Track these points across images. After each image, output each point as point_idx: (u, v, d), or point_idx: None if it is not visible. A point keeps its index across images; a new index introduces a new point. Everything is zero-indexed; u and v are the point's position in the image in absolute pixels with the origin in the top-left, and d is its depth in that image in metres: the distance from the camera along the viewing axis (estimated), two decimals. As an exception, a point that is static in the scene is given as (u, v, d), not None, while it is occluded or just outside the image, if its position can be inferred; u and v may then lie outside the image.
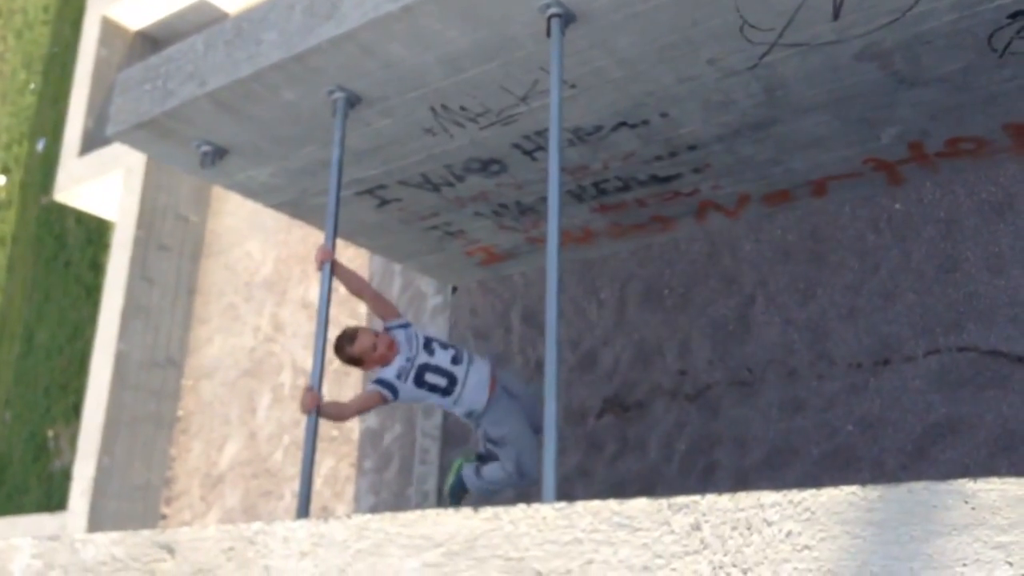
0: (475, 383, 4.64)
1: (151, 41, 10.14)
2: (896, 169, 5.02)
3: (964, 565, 1.61)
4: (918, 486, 1.70)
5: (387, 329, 4.58)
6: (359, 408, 4.64)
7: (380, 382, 4.47)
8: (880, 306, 5.08)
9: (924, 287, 4.97)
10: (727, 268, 5.67)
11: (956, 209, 4.98)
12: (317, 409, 4.10)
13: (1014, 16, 3.77)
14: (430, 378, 4.54)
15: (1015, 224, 4.78)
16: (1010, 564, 1.58)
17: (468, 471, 5.03)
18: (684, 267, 5.85)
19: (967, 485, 1.67)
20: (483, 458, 4.99)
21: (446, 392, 4.60)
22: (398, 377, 4.46)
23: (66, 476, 8.99)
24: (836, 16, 3.75)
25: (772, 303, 5.45)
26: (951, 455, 4.65)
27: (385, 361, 4.48)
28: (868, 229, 5.23)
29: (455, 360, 4.61)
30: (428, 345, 4.57)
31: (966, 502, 1.65)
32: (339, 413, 4.68)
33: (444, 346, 4.64)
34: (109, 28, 9.96)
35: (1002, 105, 4.44)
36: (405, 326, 4.63)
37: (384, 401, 4.50)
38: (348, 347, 4.45)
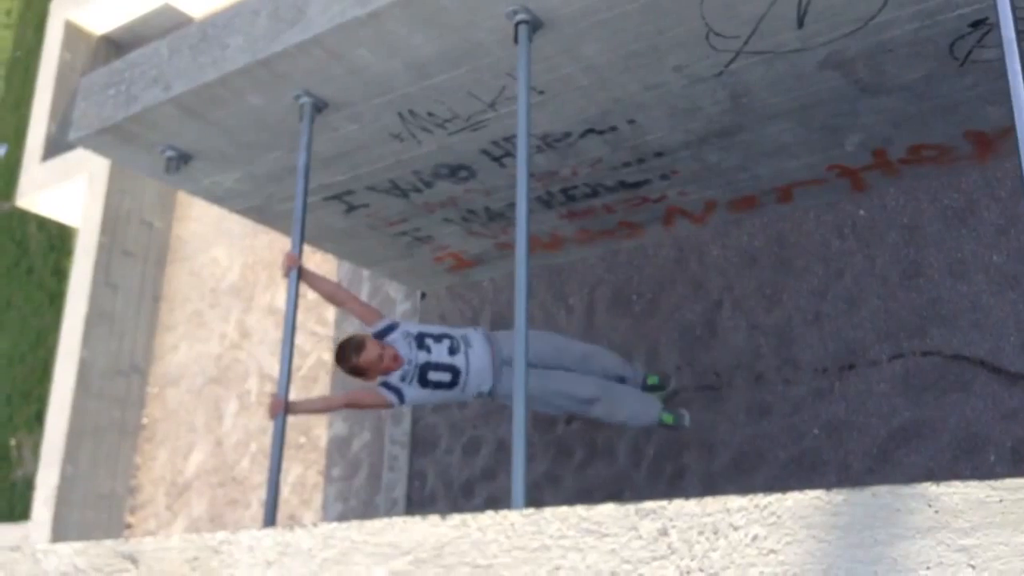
0: (477, 368, 4.54)
1: (115, 46, 10.04)
2: (860, 176, 5.07)
3: (927, 568, 1.63)
4: (882, 490, 1.71)
5: (377, 335, 4.46)
6: (348, 403, 4.57)
7: (386, 386, 4.39)
8: (845, 311, 5.13)
9: (888, 292, 5.02)
10: (694, 274, 5.71)
11: (919, 215, 5.04)
12: (284, 414, 4.06)
13: (975, 25, 3.83)
14: (433, 376, 4.43)
15: (977, 230, 4.85)
16: (972, 567, 1.60)
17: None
18: (652, 273, 5.87)
19: (930, 489, 1.68)
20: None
21: (452, 385, 4.50)
22: (403, 380, 4.39)
23: (29, 485, 8.85)
24: (800, 24, 3.78)
25: (739, 308, 5.49)
26: (915, 458, 4.70)
27: (388, 372, 4.38)
28: (833, 235, 5.28)
29: (452, 351, 4.49)
30: (422, 342, 4.45)
31: (929, 505, 1.67)
32: (326, 406, 4.61)
33: (437, 338, 4.51)
34: (72, 32, 9.85)
35: (963, 113, 4.50)
36: (393, 327, 4.51)
37: (389, 406, 4.44)
38: (355, 358, 4.30)
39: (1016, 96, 2.82)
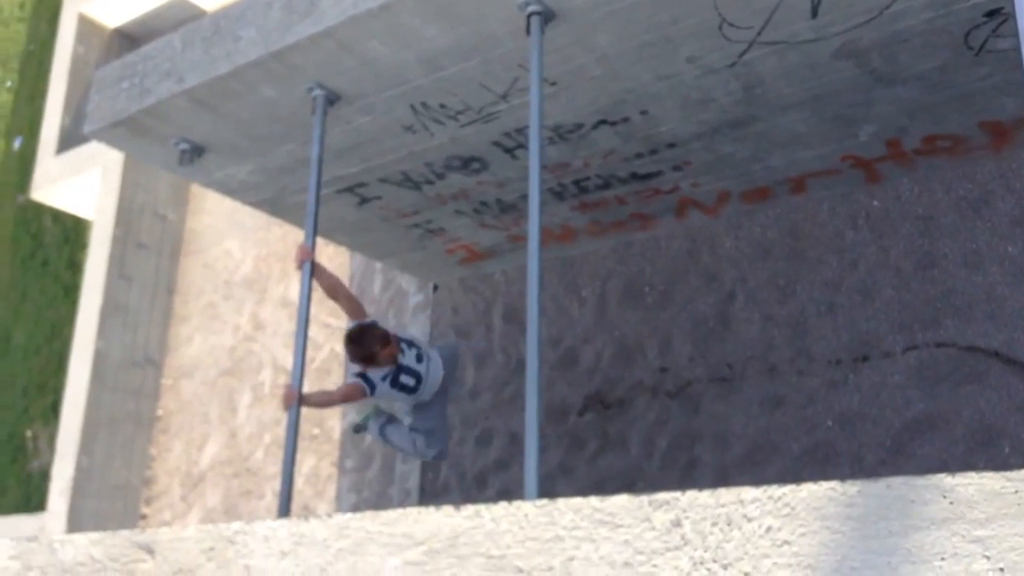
0: (433, 379, 4.79)
1: (128, 39, 10.07)
2: (874, 166, 5.05)
3: (942, 559, 1.62)
4: (896, 481, 1.71)
5: None
6: (343, 398, 4.70)
7: (362, 376, 4.52)
8: (859, 303, 5.11)
9: (902, 283, 5.00)
10: (707, 265, 5.69)
11: (933, 206, 5.02)
12: (298, 405, 4.11)
13: (990, 15, 3.80)
14: (403, 379, 4.64)
15: (991, 221, 4.82)
16: (987, 558, 1.60)
17: (374, 425, 5.19)
18: (664, 264, 5.86)
19: (945, 480, 1.68)
20: (392, 419, 5.16)
21: (413, 390, 4.71)
22: (383, 379, 4.54)
23: (45, 477, 8.92)
24: (814, 14, 3.76)
25: (752, 300, 5.47)
26: (929, 450, 4.69)
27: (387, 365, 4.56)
28: (847, 226, 5.26)
29: (419, 359, 4.71)
30: (398, 346, 4.62)
31: (944, 496, 1.67)
32: (327, 400, 4.79)
33: (409, 344, 4.71)
34: (86, 25, 9.88)
35: (978, 103, 4.47)
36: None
37: (363, 396, 4.57)
38: (378, 348, 4.46)
39: (1032, 86, 2.80)
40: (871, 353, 5.01)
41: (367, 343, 4.45)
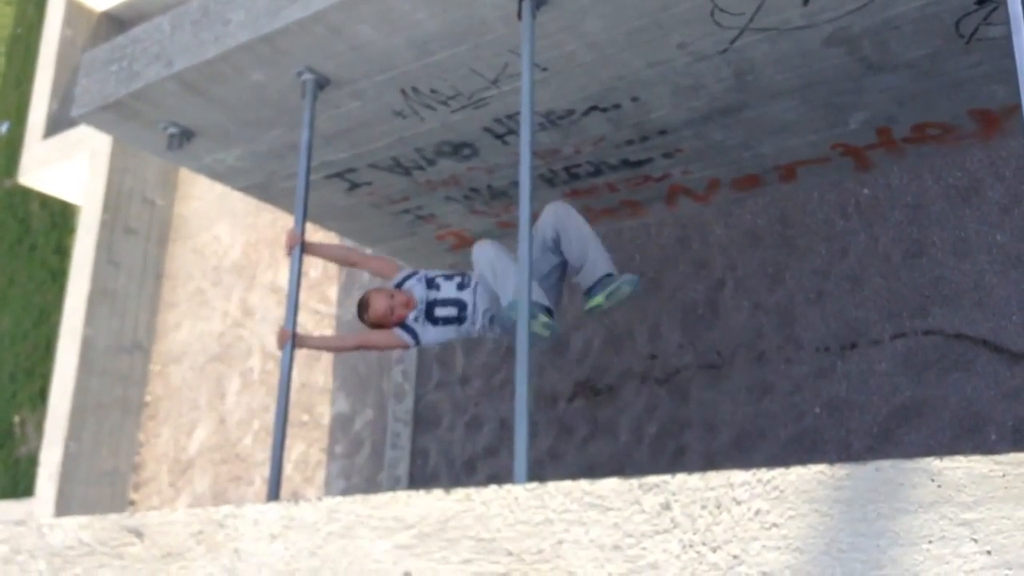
0: (486, 304, 4.53)
1: (116, 22, 10.00)
2: (864, 154, 5.06)
3: (930, 542, 1.63)
4: (885, 464, 1.72)
5: (396, 286, 4.59)
6: (365, 342, 4.67)
7: (403, 327, 4.51)
8: (847, 290, 5.13)
9: (891, 271, 5.02)
10: (697, 253, 5.70)
11: (923, 194, 5.03)
12: (292, 346, 4.14)
13: (981, 2, 3.80)
14: (440, 312, 4.52)
15: (980, 209, 4.84)
16: (975, 540, 1.61)
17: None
18: (654, 252, 5.87)
19: (933, 463, 1.69)
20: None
21: (460, 320, 4.53)
22: (416, 321, 4.50)
23: (33, 462, 8.90)
24: (806, 1, 3.76)
25: (741, 287, 5.48)
26: (916, 437, 4.71)
27: (405, 317, 4.50)
28: (836, 214, 5.27)
29: (461, 286, 4.55)
30: (432, 283, 4.56)
31: (932, 480, 1.68)
32: (337, 344, 4.75)
33: (448, 277, 4.60)
34: (74, 9, 9.81)
35: (968, 91, 4.48)
36: (412, 275, 4.61)
37: (406, 346, 4.55)
38: (365, 315, 4.50)
39: (1022, 74, 2.81)
40: (859, 340, 5.03)
41: (360, 317, 4.53)
